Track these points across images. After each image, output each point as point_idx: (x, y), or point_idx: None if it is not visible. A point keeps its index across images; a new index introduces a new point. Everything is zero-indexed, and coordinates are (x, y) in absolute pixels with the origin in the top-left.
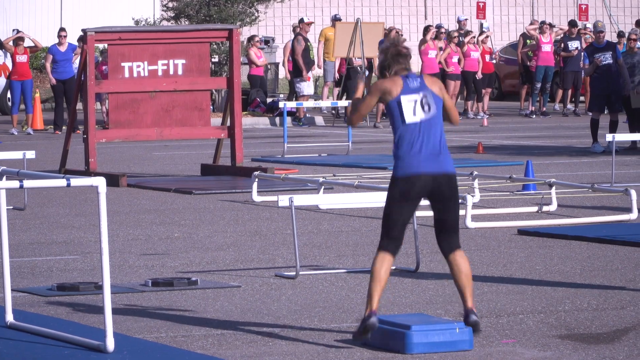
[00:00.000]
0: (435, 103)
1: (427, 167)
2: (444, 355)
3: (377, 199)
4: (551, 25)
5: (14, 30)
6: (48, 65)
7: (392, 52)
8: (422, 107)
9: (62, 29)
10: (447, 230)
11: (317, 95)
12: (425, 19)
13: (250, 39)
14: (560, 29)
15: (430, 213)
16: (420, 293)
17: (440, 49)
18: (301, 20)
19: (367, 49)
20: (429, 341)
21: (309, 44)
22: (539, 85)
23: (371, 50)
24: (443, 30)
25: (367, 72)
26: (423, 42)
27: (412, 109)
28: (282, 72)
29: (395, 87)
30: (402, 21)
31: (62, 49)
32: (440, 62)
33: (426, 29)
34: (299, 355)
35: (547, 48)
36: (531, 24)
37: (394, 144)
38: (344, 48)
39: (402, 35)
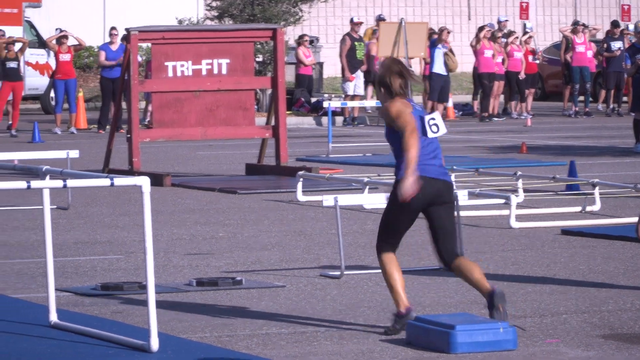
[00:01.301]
0: (443, 126)
1: (431, 173)
2: (488, 355)
3: None
4: (585, 26)
5: (57, 29)
6: (102, 59)
7: (401, 83)
8: (431, 128)
9: (113, 28)
10: (445, 235)
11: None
12: (469, 19)
13: (299, 38)
14: (594, 29)
15: (475, 213)
16: (464, 293)
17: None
18: (351, 20)
19: (411, 49)
20: (473, 341)
21: (357, 43)
22: (577, 85)
23: (415, 50)
24: (488, 29)
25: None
26: (478, 41)
27: (427, 126)
28: (327, 72)
29: (408, 107)
30: (446, 21)
31: (114, 47)
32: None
33: (481, 29)
34: (343, 355)
35: (581, 49)
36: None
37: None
38: (388, 48)
39: (450, 33)
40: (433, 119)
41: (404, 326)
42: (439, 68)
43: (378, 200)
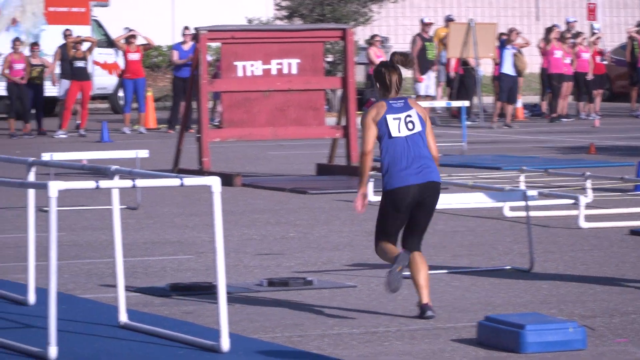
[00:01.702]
0: (420, 122)
1: (414, 179)
2: (558, 354)
3: (492, 199)
4: None
5: (125, 28)
6: (175, 59)
7: (396, 80)
8: (406, 125)
9: (186, 28)
10: (417, 231)
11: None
12: (537, 20)
13: (371, 38)
14: None
15: (544, 213)
16: (534, 293)
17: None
18: (421, 21)
19: (481, 50)
20: (542, 340)
21: (427, 44)
22: None
23: (484, 50)
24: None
25: (481, 72)
26: (548, 42)
27: (397, 126)
28: None
29: (380, 110)
30: (515, 22)
31: (186, 47)
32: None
33: (550, 30)
34: (415, 355)
35: None
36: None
37: (381, 160)
38: (458, 48)
39: (519, 34)
40: (409, 116)
41: (399, 262)
42: (508, 69)
43: (448, 201)
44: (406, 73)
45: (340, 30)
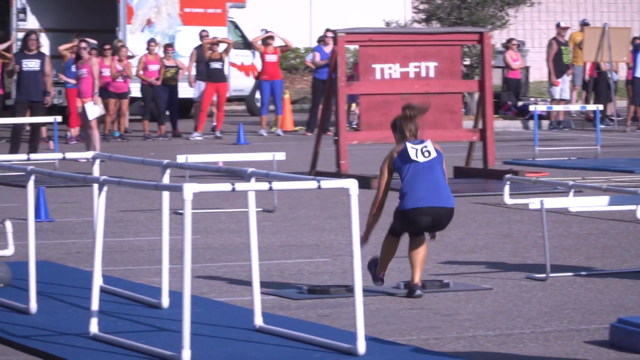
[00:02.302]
0: (436, 152)
1: (428, 202)
2: None
3: (626, 202)
4: None
5: (262, 30)
6: (317, 60)
7: (403, 118)
8: (423, 154)
9: (327, 30)
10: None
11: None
12: None
13: (507, 42)
14: None
15: None
16: None
17: None
18: (557, 25)
19: (615, 54)
20: None
21: (563, 48)
22: None
23: (618, 54)
24: None
25: (615, 76)
26: None
27: (414, 153)
28: (533, 76)
29: (398, 148)
30: None
31: (327, 49)
32: None
33: None
34: (548, 357)
35: None
36: None
37: (401, 182)
38: (593, 52)
39: None
40: (425, 146)
41: (377, 282)
42: None
43: (583, 204)
44: (543, 76)
45: (477, 33)
